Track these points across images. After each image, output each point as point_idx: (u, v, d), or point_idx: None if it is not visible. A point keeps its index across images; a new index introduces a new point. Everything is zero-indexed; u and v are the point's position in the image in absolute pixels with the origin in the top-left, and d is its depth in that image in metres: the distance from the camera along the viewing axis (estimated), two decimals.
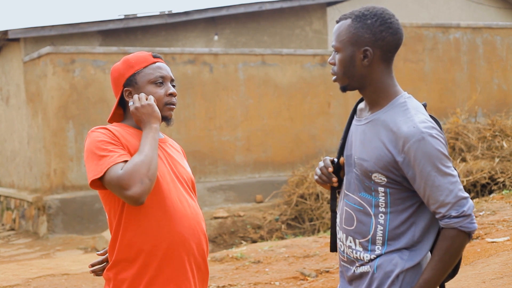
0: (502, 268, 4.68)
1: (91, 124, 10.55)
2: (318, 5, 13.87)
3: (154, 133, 2.42)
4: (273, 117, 11.79)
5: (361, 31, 2.14)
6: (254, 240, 9.93)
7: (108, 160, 2.31)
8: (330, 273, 6.00)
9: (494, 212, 6.73)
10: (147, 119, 2.44)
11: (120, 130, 2.45)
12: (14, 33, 11.43)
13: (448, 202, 2.05)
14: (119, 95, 2.54)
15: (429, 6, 15.33)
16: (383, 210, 2.14)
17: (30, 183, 11.74)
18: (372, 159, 2.13)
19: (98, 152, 2.34)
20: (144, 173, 2.30)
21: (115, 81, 2.54)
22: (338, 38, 2.18)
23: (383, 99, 2.17)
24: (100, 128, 2.43)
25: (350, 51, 2.15)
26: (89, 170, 2.34)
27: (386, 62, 2.17)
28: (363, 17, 2.14)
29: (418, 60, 12.17)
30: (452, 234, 2.05)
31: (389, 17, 2.15)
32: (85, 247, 9.69)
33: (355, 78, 2.18)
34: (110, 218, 2.45)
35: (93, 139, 2.38)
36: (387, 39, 2.14)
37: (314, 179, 2.33)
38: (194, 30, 12.91)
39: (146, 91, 2.49)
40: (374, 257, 2.15)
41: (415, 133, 2.05)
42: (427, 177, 2.05)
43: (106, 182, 2.30)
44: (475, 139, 10.14)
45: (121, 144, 2.39)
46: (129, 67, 2.52)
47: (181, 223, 2.43)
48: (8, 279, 7.23)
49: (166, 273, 2.39)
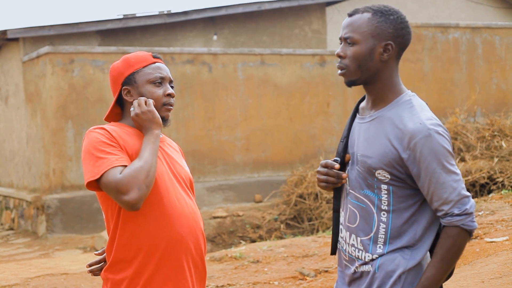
0: (501, 268, 4.68)
1: (90, 123, 10.54)
2: (317, 5, 13.87)
3: (155, 139, 2.42)
4: (272, 117, 11.79)
5: (384, 25, 2.14)
6: (253, 240, 9.93)
7: (105, 163, 2.30)
8: (329, 272, 6.00)
9: (493, 212, 6.73)
10: (148, 125, 2.45)
11: (118, 130, 2.44)
12: (13, 33, 11.42)
13: (451, 199, 2.05)
14: (117, 93, 2.54)
15: (428, 6, 15.34)
16: (385, 208, 2.14)
17: (29, 182, 11.73)
18: (377, 156, 2.12)
19: (95, 153, 2.33)
20: (143, 180, 2.29)
21: (114, 79, 2.54)
22: (357, 29, 2.15)
23: (389, 96, 2.18)
24: (98, 128, 2.42)
25: (370, 44, 2.14)
26: (86, 171, 2.34)
27: (397, 60, 2.19)
28: (385, 13, 2.15)
29: (417, 59, 12.17)
30: (454, 232, 2.06)
31: (405, 17, 2.19)
32: (84, 247, 9.68)
33: (368, 72, 2.16)
34: (107, 218, 2.45)
35: (90, 140, 2.37)
36: (406, 37, 2.17)
37: (321, 186, 2.28)
38: (193, 30, 12.91)
39: (145, 90, 2.49)
40: (376, 257, 2.15)
41: (421, 130, 2.05)
42: (432, 174, 2.05)
43: (103, 185, 2.30)
44: (474, 139, 10.14)
45: (118, 145, 2.38)
46: (129, 66, 2.51)
47: (179, 223, 2.43)
48: (7, 279, 7.22)
49: (164, 272, 2.39)
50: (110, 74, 2.57)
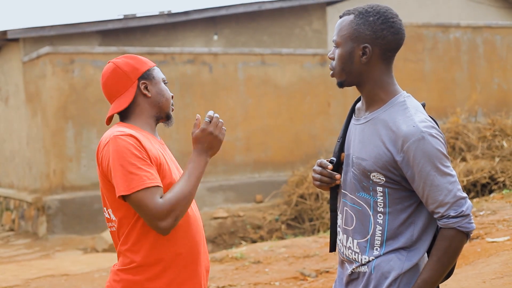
0: (502, 268, 4.67)
1: (90, 124, 10.54)
2: (318, 5, 13.86)
3: (205, 165, 2.37)
4: (272, 117, 11.78)
5: (362, 27, 2.13)
6: (254, 240, 9.92)
7: (137, 180, 2.21)
8: (330, 273, 5.99)
9: (494, 211, 6.73)
10: (208, 148, 2.38)
11: (141, 137, 2.33)
12: (13, 33, 11.42)
13: (447, 202, 2.03)
14: (129, 89, 2.41)
15: (429, 5, 15.32)
16: (381, 210, 2.13)
17: (30, 183, 11.72)
18: (371, 159, 2.11)
19: (126, 167, 2.22)
20: (183, 209, 2.24)
21: (126, 74, 2.42)
22: (339, 33, 2.17)
23: (382, 97, 2.16)
24: (126, 135, 2.28)
25: (349, 47, 2.14)
26: (116, 183, 2.23)
27: (386, 61, 2.16)
28: (366, 14, 2.13)
29: (418, 59, 12.16)
30: (450, 234, 2.04)
31: (391, 16, 2.14)
32: (84, 248, 9.68)
33: (352, 74, 2.16)
34: (120, 223, 2.33)
35: (120, 149, 2.25)
36: (388, 38, 2.12)
37: (315, 185, 2.29)
38: (193, 30, 12.90)
39: (163, 87, 2.46)
40: (372, 259, 2.14)
41: (415, 133, 2.04)
42: (426, 177, 2.03)
43: (134, 202, 2.21)
44: (475, 138, 10.13)
45: (148, 157, 2.28)
46: (142, 63, 2.46)
47: (195, 228, 2.39)
48: (7, 280, 7.22)
49: (182, 277, 2.35)
50: (118, 70, 2.43)
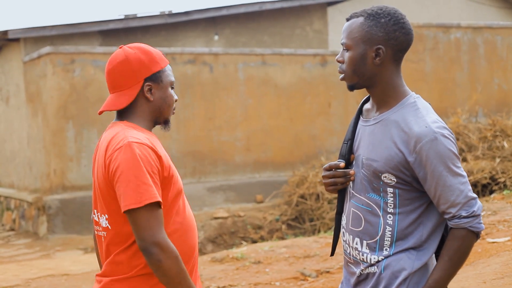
0: (503, 268, 4.67)
1: (91, 124, 10.54)
2: (319, 5, 13.86)
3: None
4: (273, 117, 11.78)
5: (374, 29, 2.13)
6: (254, 241, 9.92)
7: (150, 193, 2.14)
8: (330, 273, 5.99)
9: (495, 212, 6.73)
10: None
11: (155, 145, 2.25)
12: (14, 33, 11.42)
13: (459, 202, 2.05)
14: (133, 87, 2.31)
15: (430, 6, 15.32)
16: (391, 210, 2.13)
17: (30, 183, 11.72)
18: (382, 160, 2.12)
19: (140, 178, 2.14)
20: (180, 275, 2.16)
21: (134, 70, 2.30)
22: (349, 35, 2.16)
23: (392, 99, 2.17)
24: (142, 144, 2.19)
25: (362, 49, 2.14)
26: (125, 193, 2.14)
27: (396, 62, 2.17)
28: (377, 16, 2.14)
29: (419, 60, 12.16)
30: (461, 234, 2.07)
31: (401, 17, 2.16)
32: (85, 247, 9.68)
33: (365, 76, 2.16)
34: (119, 236, 2.25)
35: (136, 158, 2.16)
36: (400, 39, 2.14)
37: (329, 190, 2.25)
38: (194, 30, 12.89)
39: (168, 92, 2.35)
40: (382, 259, 2.14)
41: (427, 133, 2.05)
42: (439, 177, 2.05)
43: (140, 215, 2.13)
44: (476, 139, 10.13)
45: (161, 167, 2.21)
46: (155, 61, 2.32)
47: (191, 232, 2.34)
48: (8, 280, 7.22)
49: None
50: (127, 64, 2.30)
